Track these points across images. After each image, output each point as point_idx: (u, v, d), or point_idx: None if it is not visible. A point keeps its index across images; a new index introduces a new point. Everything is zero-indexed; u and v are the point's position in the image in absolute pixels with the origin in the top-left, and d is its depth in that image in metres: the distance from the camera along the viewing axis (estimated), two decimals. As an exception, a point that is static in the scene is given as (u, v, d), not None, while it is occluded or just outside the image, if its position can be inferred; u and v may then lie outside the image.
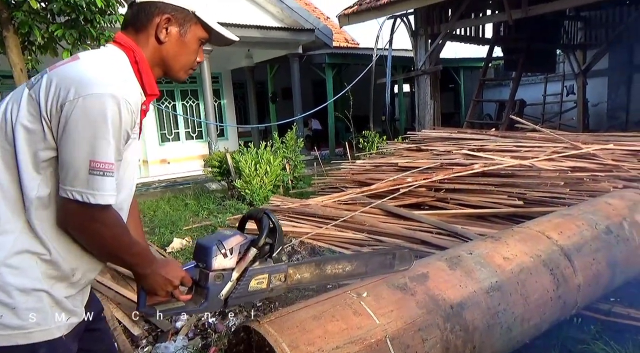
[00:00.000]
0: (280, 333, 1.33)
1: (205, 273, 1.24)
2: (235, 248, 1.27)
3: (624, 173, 3.96)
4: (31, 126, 1.04)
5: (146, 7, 1.18)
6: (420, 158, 5.38)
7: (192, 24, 1.22)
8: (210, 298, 1.25)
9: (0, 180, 1.05)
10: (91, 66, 1.08)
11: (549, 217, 2.53)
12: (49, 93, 1.03)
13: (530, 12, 7.16)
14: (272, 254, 1.31)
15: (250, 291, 1.30)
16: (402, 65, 11.61)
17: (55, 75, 1.06)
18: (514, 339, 1.88)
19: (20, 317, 1.03)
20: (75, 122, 1.00)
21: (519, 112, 9.49)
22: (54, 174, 1.05)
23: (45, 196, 1.06)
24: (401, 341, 1.52)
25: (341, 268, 1.58)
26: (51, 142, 1.03)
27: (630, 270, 2.51)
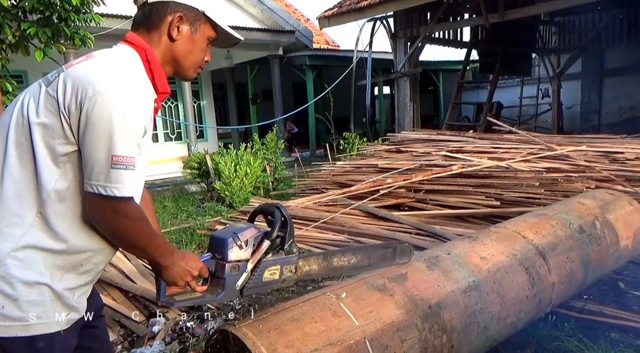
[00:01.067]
0: (258, 336, 1.32)
1: (222, 264, 1.28)
2: (249, 241, 1.32)
3: (596, 174, 4.06)
4: (49, 123, 1.07)
5: (158, 7, 1.22)
6: (400, 159, 5.42)
7: (202, 23, 1.27)
8: (227, 288, 1.29)
9: (13, 174, 1.07)
10: (107, 65, 1.13)
11: (524, 217, 2.58)
12: (67, 91, 1.07)
13: (506, 16, 7.30)
14: (284, 246, 1.36)
15: (264, 281, 1.35)
16: (382, 67, 11.70)
17: (71, 73, 1.10)
18: (491, 338, 1.90)
19: (22, 309, 1.05)
20: (95, 119, 1.04)
21: (496, 114, 9.68)
22: (73, 168, 1.09)
23: (63, 189, 1.09)
24: (380, 342, 1.52)
25: (346, 261, 1.63)
26: (71, 138, 1.07)
27: (602, 268, 2.58)
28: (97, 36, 4.89)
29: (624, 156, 4.33)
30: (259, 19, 10.78)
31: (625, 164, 4.23)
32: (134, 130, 1.08)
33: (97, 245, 1.17)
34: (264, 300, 2.88)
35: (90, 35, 4.47)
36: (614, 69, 10.97)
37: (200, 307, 2.55)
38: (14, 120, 1.11)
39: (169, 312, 2.38)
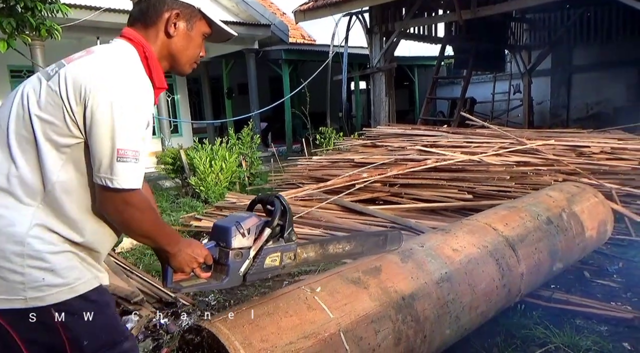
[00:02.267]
0: (232, 331, 1.31)
1: (226, 251, 1.33)
2: (252, 229, 1.37)
3: (563, 167, 4.20)
4: (51, 117, 1.10)
5: (155, 4, 1.26)
6: (376, 154, 5.46)
7: (197, 20, 1.31)
8: (230, 274, 1.34)
9: (17, 163, 1.11)
10: (108, 61, 1.16)
11: (495, 209, 2.65)
12: (69, 87, 1.10)
13: (479, 13, 7.44)
14: (284, 234, 1.42)
15: (265, 268, 1.41)
16: (359, 62, 11.74)
17: (73, 69, 1.13)
18: (463, 327, 1.95)
19: (61, 275, 1.11)
20: (99, 115, 1.08)
21: (470, 109, 9.87)
22: (77, 160, 1.13)
23: (67, 181, 1.13)
24: (354, 334, 1.54)
25: (341, 248, 1.69)
26: (75, 132, 1.11)
27: (569, 258, 2.67)
28: (64, 27, 4.73)
29: (589, 150, 4.49)
30: (234, 12, 10.63)
31: (591, 157, 4.38)
32: (137, 124, 1.13)
33: (102, 237, 1.22)
34: (240, 295, 2.87)
35: (58, 26, 4.31)
36: (582, 65, 11.33)
37: (174, 303, 2.53)
38: (14, 112, 1.13)
39: (142, 309, 2.34)
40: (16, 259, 1.07)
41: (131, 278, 2.60)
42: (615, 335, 2.23)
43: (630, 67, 10.35)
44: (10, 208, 1.10)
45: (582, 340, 2.12)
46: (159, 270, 3.45)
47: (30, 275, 1.08)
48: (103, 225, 1.21)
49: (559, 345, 2.11)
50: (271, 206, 1.44)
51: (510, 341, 2.18)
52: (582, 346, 2.07)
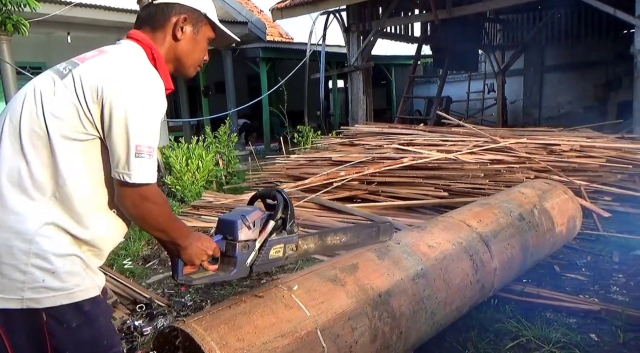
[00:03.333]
0: (208, 331, 1.30)
1: (233, 244, 1.38)
2: (256, 222, 1.43)
3: (535, 164, 4.31)
4: (66, 115, 1.12)
5: (164, 8, 1.30)
6: (353, 152, 5.49)
7: (203, 25, 1.36)
8: (238, 265, 1.39)
9: (28, 159, 1.11)
10: (123, 61, 1.20)
11: (469, 206, 2.70)
12: (85, 86, 1.13)
13: (454, 13, 7.55)
14: (286, 227, 1.49)
15: (270, 259, 1.47)
16: (336, 61, 11.75)
17: (88, 68, 1.16)
18: (438, 323, 1.98)
19: (61, 279, 1.11)
20: (118, 114, 1.12)
21: (446, 108, 10.02)
22: (89, 157, 1.16)
23: (78, 177, 1.14)
24: (331, 331, 1.55)
25: (338, 239, 1.77)
26: (90, 130, 1.14)
27: (540, 253, 2.75)
28: (33, 22, 4.58)
29: (560, 148, 4.62)
30: (210, 8, 10.48)
31: (561, 155, 4.51)
32: (153, 122, 1.17)
33: (109, 234, 1.24)
34: (216, 295, 2.85)
35: (25, 21, 4.17)
36: (553, 66, 11.65)
37: (149, 304, 2.48)
38: (27, 109, 1.14)
39: (116, 311, 2.30)
40: (22, 257, 1.08)
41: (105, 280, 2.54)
42: (583, 326, 2.31)
43: (598, 67, 10.69)
44: (22, 205, 1.10)
45: (552, 332, 2.19)
46: (133, 271, 3.39)
47: (31, 275, 1.08)
48: (111, 222, 1.23)
49: (531, 337, 2.17)
50: (272, 200, 1.52)
51: (484, 335, 2.23)
52: (552, 338, 2.14)
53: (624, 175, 4.21)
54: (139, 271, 3.32)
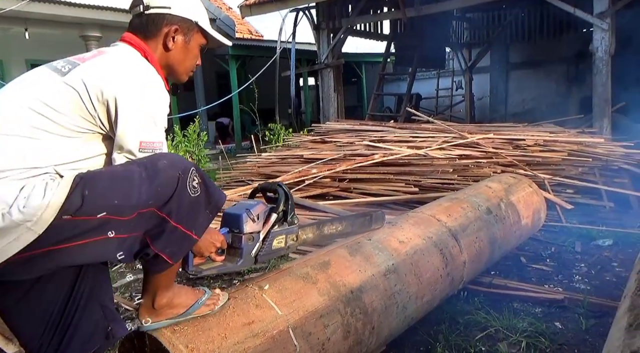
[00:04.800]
0: (175, 335, 1.27)
1: (239, 236, 1.47)
2: (260, 215, 1.52)
3: (502, 159, 4.43)
4: (67, 111, 1.14)
5: (155, 18, 1.33)
6: (325, 150, 5.49)
7: (195, 33, 1.40)
8: (244, 256, 1.49)
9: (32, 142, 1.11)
10: (125, 62, 1.25)
11: (439, 201, 2.74)
12: (89, 86, 1.15)
13: (422, 11, 7.66)
14: (287, 218, 1.59)
15: (273, 249, 1.58)
16: (307, 58, 11.74)
17: (91, 69, 1.19)
18: (410, 316, 2.01)
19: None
20: (124, 112, 1.16)
21: (416, 105, 10.15)
22: (90, 150, 1.18)
23: (72, 166, 1.14)
24: (303, 329, 1.54)
25: (334, 229, 1.85)
26: (89, 127, 1.17)
27: (507, 246, 2.82)
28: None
29: (525, 143, 4.76)
30: (177, 5, 10.25)
31: (526, 149, 4.65)
32: (158, 118, 1.22)
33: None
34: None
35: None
36: (518, 63, 11.99)
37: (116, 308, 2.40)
38: (26, 102, 1.14)
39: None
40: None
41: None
42: (548, 315, 2.38)
43: (560, 64, 11.08)
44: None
45: (519, 322, 2.25)
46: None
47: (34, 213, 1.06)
48: None
49: (499, 328, 2.22)
50: (273, 194, 1.62)
51: (454, 327, 2.27)
52: (519, 328, 2.19)
53: (585, 168, 4.38)
54: (105, 275, 3.22)
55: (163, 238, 1.15)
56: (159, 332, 1.27)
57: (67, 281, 1.15)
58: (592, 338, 2.15)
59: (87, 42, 8.20)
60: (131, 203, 1.07)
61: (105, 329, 1.21)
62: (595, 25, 5.68)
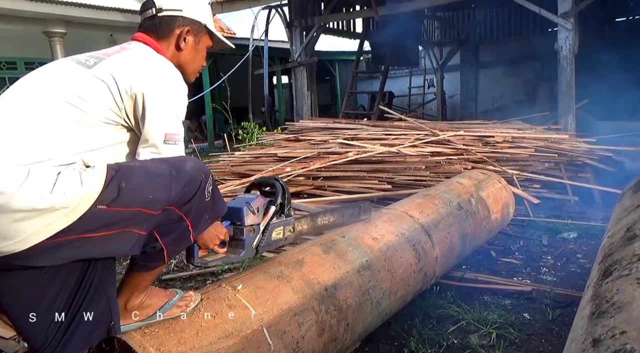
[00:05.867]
0: (145, 337, 1.24)
1: (241, 228, 1.55)
2: (260, 208, 1.60)
3: (472, 156, 4.52)
4: (95, 102, 1.19)
5: (168, 20, 1.41)
6: (299, 148, 5.48)
7: (203, 34, 1.49)
8: (246, 247, 1.56)
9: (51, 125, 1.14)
10: (149, 57, 1.33)
11: (412, 198, 2.78)
12: (118, 79, 1.22)
13: (393, 9, 7.73)
14: (284, 211, 1.66)
15: (273, 240, 1.65)
16: (280, 56, 11.68)
17: (118, 63, 1.26)
18: (384, 312, 2.03)
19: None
20: (152, 105, 1.23)
21: (389, 103, 10.25)
22: (113, 137, 1.25)
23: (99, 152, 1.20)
24: (278, 328, 1.53)
25: (327, 220, 1.93)
26: (117, 119, 1.23)
27: (478, 240, 2.88)
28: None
29: (494, 139, 4.88)
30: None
31: (495, 146, 4.76)
32: (180, 112, 1.31)
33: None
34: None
35: None
36: (487, 62, 12.27)
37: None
38: (57, 93, 1.17)
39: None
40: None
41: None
42: (517, 307, 2.45)
43: (526, 63, 11.40)
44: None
45: (490, 314, 2.31)
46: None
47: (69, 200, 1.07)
48: None
49: (470, 320, 2.27)
50: (270, 188, 1.70)
51: (427, 321, 2.31)
52: (489, 320, 2.25)
53: (551, 164, 4.53)
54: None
55: (173, 235, 1.22)
56: (128, 335, 1.24)
57: (78, 270, 1.15)
58: (558, 327, 2.22)
59: (51, 38, 7.88)
60: (162, 199, 1.14)
61: (109, 323, 1.21)
62: (560, 24, 5.86)
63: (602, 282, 1.38)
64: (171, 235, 1.22)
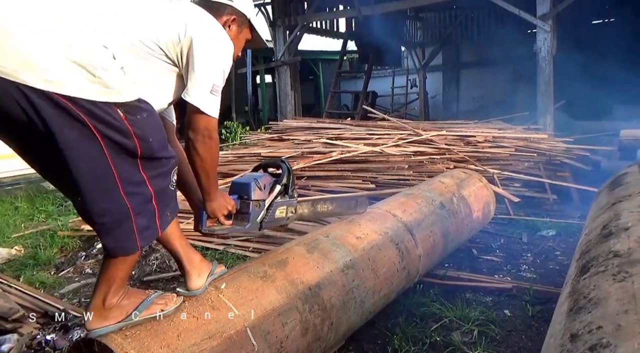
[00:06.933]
0: (127, 340, 1.22)
1: (248, 202, 1.63)
2: (266, 185, 1.68)
3: (454, 155, 4.57)
4: (161, 39, 1.34)
5: (219, 6, 1.55)
6: (283, 147, 5.47)
7: (245, 27, 1.63)
8: (251, 220, 1.64)
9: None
10: (212, 19, 1.48)
11: (395, 197, 2.80)
12: (188, 22, 1.38)
13: (376, 10, 7.77)
14: (288, 192, 1.74)
15: (276, 218, 1.72)
16: (263, 55, 11.61)
17: (190, 8, 1.45)
18: (367, 310, 2.04)
19: (117, 84, 1.24)
20: (205, 55, 1.37)
21: (372, 102, 10.30)
22: (157, 68, 1.38)
23: (153, 78, 1.37)
24: (261, 328, 1.52)
25: (326, 208, 2.01)
26: (175, 60, 1.38)
27: (460, 238, 2.92)
28: None
29: (475, 139, 4.94)
30: None
31: (477, 146, 4.83)
32: (227, 68, 1.45)
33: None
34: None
35: None
36: (468, 62, 12.42)
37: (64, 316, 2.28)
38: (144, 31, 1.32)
39: (23, 327, 2.08)
40: (97, 61, 1.16)
41: (9, 293, 2.30)
42: (497, 304, 2.49)
43: (506, 64, 11.58)
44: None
45: (472, 311, 2.34)
46: (44, 282, 3.11)
47: (103, 74, 1.17)
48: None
49: (452, 318, 2.30)
50: (275, 169, 1.79)
51: (411, 319, 2.33)
52: (471, 317, 2.28)
53: (530, 163, 4.61)
54: (51, 281, 3.05)
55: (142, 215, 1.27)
56: (109, 337, 1.22)
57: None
58: (538, 323, 2.27)
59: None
60: (154, 150, 1.25)
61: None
62: (538, 26, 5.98)
63: (579, 279, 1.41)
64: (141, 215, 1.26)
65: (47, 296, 2.52)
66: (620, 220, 1.73)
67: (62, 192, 1.35)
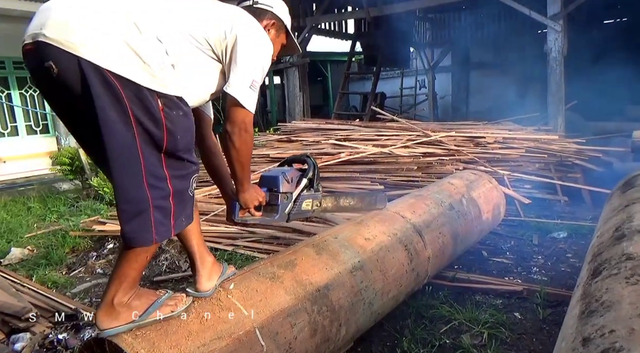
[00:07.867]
0: (137, 340, 1.23)
1: (277, 194, 1.71)
2: (294, 178, 1.77)
3: (463, 156, 4.55)
4: (209, 37, 1.42)
5: (260, 11, 1.67)
6: (291, 149, 5.48)
7: (282, 33, 1.74)
8: (280, 212, 1.72)
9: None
10: (255, 21, 1.57)
11: (403, 198, 2.79)
12: (234, 21, 1.47)
13: (385, 10, 7.75)
14: (313, 186, 1.81)
15: (302, 210, 1.79)
16: (272, 57, 11.62)
17: (234, 9, 1.55)
18: (376, 312, 2.03)
19: (167, 76, 1.31)
20: (249, 51, 1.45)
21: (381, 103, 10.28)
22: (204, 67, 1.45)
23: (198, 70, 1.43)
24: (270, 329, 1.53)
25: (348, 203, 2.06)
26: (218, 52, 1.44)
27: (469, 240, 2.90)
28: None
29: (485, 140, 4.91)
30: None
31: (487, 147, 4.80)
32: (266, 67, 1.53)
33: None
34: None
35: None
36: (478, 63, 12.34)
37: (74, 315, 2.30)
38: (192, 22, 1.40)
39: (36, 326, 2.11)
40: (149, 49, 1.24)
41: (22, 293, 2.33)
42: (508, 306, 2.47)
43: (516, 64, 11.48)
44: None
45: (481, 314, 2.32)
46: (56, 281, 3.14)
47: (153, 63, 1.24)
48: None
49: (462, 320, 2.28)
50: (301, 164, 1.87)
51: (420, 321, 2.31)
52: (481, 319, 2.26)
53: (541, 164, 4.56)
54: (62, 280, 3.09)
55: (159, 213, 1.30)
56: (119, 337, 1.23)
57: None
58: (549, 326, 2.24)
59: (40, 37, 7.78)
60: (179, 148, 1.29)
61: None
62: (549, 26, 5.92)
63: (591, 281, 1.39)
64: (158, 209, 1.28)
65: (58, 295, 2.54)
66: (634, 223, 1.71)
67: (103, 173, 1.44)
